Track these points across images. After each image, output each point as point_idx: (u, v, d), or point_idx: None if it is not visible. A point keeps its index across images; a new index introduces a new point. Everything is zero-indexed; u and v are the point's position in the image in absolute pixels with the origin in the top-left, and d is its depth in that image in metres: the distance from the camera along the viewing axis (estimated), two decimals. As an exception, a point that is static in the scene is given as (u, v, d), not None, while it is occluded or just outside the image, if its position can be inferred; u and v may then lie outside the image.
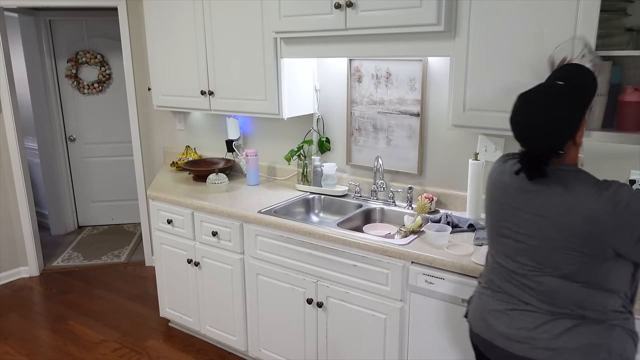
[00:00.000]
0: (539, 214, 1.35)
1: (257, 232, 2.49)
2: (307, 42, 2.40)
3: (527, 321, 1.40)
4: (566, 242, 1.31)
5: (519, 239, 1.41)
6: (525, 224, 1.39)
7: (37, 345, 3.03)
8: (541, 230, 1.35)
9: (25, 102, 4.74)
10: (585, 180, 1.33)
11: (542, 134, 1.32)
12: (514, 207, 1.41)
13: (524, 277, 1.41)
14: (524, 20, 1.81)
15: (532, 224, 1.37)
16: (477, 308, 1.55)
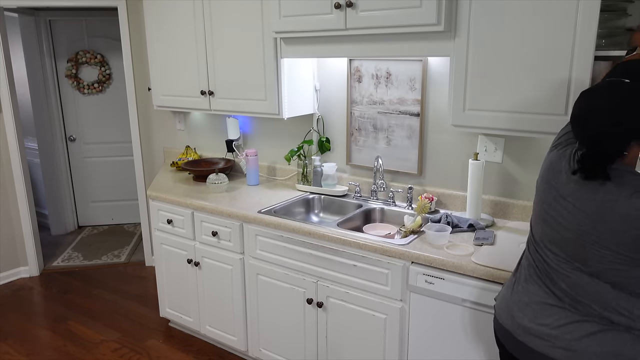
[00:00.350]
0: (580, 207, 1.32)
1: (257, 232, 2.49)
2: (307, 42, 2.40)
3: (552, 317, 1.37)
4: (599, 239, 1.28)
5: (556, 227, 1.38)
6: (565, 214, 1.35)
7: (37, 345, 3.03)
8: (578, 224, 1.32)
9: (25, 102, 4.74)
10: (636, 181, 1.27)
11: (611, 135, 1.26)
12: (561, 194, 1.37)
13: (554, 270, 1.39)
14: (523, 20, 1.81)
15: (572, 215, 1.33)
16: (504, 297, 1.52)
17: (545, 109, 1.83)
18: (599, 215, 1.28)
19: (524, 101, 1.87)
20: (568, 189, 1.36)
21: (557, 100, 1.80)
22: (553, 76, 1.80)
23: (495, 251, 1.94)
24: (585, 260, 1.32)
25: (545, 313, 1.39)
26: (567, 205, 1.35)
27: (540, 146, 2.22)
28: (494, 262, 1.83)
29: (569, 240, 1.35)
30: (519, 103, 1.88)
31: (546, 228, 1.42)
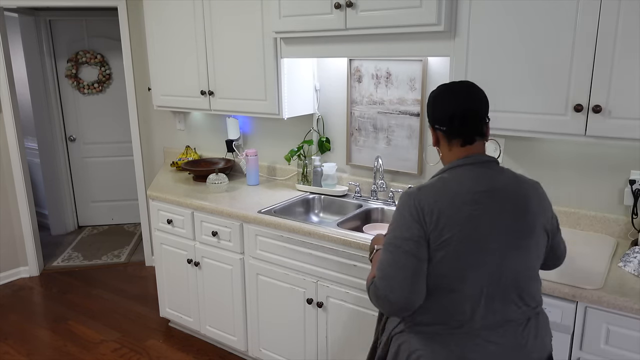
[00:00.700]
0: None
1: (257, 232, 2.49)
2: (307, 42, 2.40)
3: None
4: None
5: None
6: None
7: (37, 345, 3.03)
8: None
9: (25, 102, 4.74)
10: None
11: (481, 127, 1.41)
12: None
13: None
14: (523, 20, 1.81)
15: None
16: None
17: (545, 109, 1.83)
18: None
19: (524, 101, 1.87)
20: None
21: (557, 99, 1.80)
22: (553, 76, 1.79)
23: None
24: None
25: None
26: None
27: (540, 146, 2.22)
28: (494, 262, 1.83)
29: None
30: (518, 103, 1.88)
31: None
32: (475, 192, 1.32)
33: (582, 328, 1.66)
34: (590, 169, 2.12)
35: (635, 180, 2.00)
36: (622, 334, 1.59)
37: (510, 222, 1.31)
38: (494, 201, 1.32)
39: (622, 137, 1.72)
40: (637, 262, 1.75)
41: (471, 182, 1.34)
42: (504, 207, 1.32)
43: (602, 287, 1.63)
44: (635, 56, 1.64)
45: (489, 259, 1.29)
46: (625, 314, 1.57)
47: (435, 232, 1.28)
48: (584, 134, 1.78)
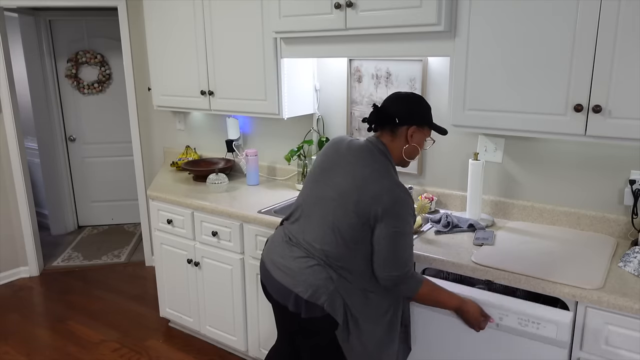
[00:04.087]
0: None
1: (257, 232, 2.49)
2: (307, 42, 2.40)
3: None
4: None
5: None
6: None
7: (37, 345, 3.03)
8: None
9: (25, 102, 4.74)
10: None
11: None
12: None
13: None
14: (523, 20, 1.81)
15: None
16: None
17: (545, 109, 1.83)
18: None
19: (524, 101, 1.87)
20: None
21: (557, 99, 1.80)
22: (553, 76, 1.80)
23: (495, 251, 1.94)
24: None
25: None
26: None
27: (540, 146, 2.22)
28: (494, 262, 1.83)
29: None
30: (519, 103, 1.88)
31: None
32: None
33: (582, 328, 1.66)
34: (590, 169, 2.12)
35: (635, 180, 2.00)
36: (622, 334, 1.59)
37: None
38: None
39: (622, 137, 1.72)
40: (637, 262, 1.75)
41: (353, 145, 1.77)
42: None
43: (602, 287, 1.63)
44: (635, 56, 1.64)
45: None
46: (625, 314, 1.57)
47: None
48: (584, 134, 1.78)
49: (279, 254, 1.74)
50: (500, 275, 1.78)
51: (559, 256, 1.89)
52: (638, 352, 1.57)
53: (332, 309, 1.61)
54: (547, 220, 2.25)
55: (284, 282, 1.67)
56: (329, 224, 1.65)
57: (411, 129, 1.71)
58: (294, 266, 1.67)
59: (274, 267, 1.73)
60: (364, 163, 1.67)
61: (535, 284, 1.71)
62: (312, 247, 1.67)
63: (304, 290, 1.62)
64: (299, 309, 1.64)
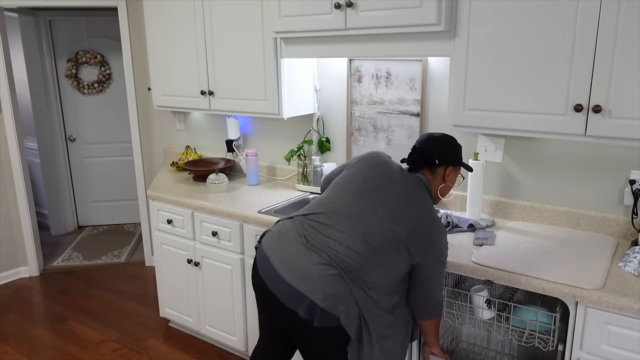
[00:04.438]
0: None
1: (257, 232, 2.48)
2: (307, 42, 2.40)
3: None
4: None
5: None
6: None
7: (37, 345, 3.03)
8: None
9: (25, 102, 4.74)
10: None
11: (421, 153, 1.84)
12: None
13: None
14: (523, 20, 1.81)
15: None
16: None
17: (545, 109, 1.83)
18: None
19: (524, 101, 1.87)
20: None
21: (557, 99, 1.80)
22: (553, 76, 1.80)
23: (495, 251, 1.94)
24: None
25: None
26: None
27: (541, 146, 2.22)
28: (494, 263, 1.83)
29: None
30: (519, 103, 1.88)
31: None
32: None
33: (582, 328, 1.66)
34: (590, 169, 2.12)
35: (635, 180, 2.00)
36: (622, 334, 1.59)
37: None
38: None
39: (622, 137, 1.72)
40: (637, 262, 1.75)
41: (398, 169, 1.83)
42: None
43: (602, 287, 1.63)
44: (635, 56, 1.64)
45: None
46: (625, 314, 1.57)
47: None
48: (584, 134, 1.78)
49: (292, 255, 1.66)
50: (500, 275, 1.78)
51: (559, 256, 1.89)
52: (638, 352, 1.57)
53: (347, 321, 1.59)
54: (547, 220, 2.25)
55: (298, 286, 1.60)
56: (364, 239, 1.62)
57: (449, 169, 1.81)
58: (313, 272, 1.60)
59: (284, 268, 1.64)
60: (418, 200, 1.70)
61: (535, 284, 1.71)
62: (336, 256, 1.62)
63: (322, 299, 1.57)
64: (312, 317, 1.59)
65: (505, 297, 2.03)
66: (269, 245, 1.74)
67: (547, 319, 1.82)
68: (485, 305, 1.89)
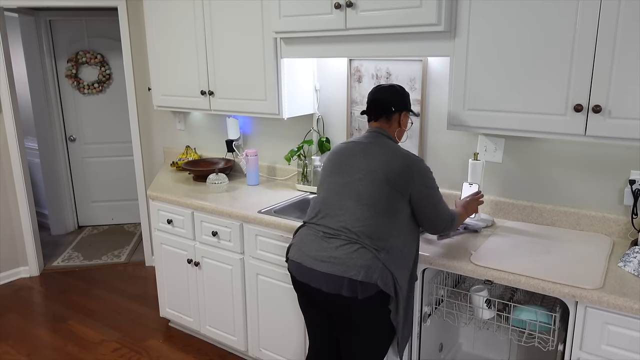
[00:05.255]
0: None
1: (257, 232, 2.49)
2: (307, 42, 2.40)
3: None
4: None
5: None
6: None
7: (37, 345, 3.03)
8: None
9: (25, 102, 4.74)
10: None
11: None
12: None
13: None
14: (523, 20, 1.81)
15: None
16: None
17: (545, 109, 1.83)
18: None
19: (524, 101, 1.87)
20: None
21: (557, 99, 1.80)
22: (553, 76, 1.80)
23: (495, 251, 1.94)
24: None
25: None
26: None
27: (541, 146, 2.22)
28: (494, 263, 1.83)
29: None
30: (519, 103, 1.88)
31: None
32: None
33: (582, 328, 1.66)
34: (590, 169, 2.12)
35: (635, 180, 2.00)
36: (622, 334, 1.59)
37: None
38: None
39: (622, 137, 1.72)
40: (637, 262, 1.75)
41: (357, 138, 1.95)
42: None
43: (602, 287, 1.64)
44: (635, 56, 1.64)
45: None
46: (625, 314, 1.57)
47: None
48: (584, 134, 1.78)
49: (316, 249, 1.79)
50: (500, 276, 1.78)
51: (558, 256, 1.89)
52: (638, 352, 1.57)
53: (384, 284, 1.71)
54: (547, 220, 2.25)
55: (333, 271, 1.72)
56: (364, 201, 1.77)
57: (402, 114, 1.94)
58: (340, 254, 1.73)
59: (315, 262, 1.77)
60: (379, 146, 1.84)
61: (535, 284, 1.71)
62: (351, 232, 1.75)
63: (357, 273, 1.69)
64: (355, 292, 1.70)
65: (505, 297, 2.04)
66: (296, 253, 1.87)
67: (547, 319, 1.82)
68: (485, 305, 1.89)
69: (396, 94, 1.93)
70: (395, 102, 1.92)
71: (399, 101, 1.93)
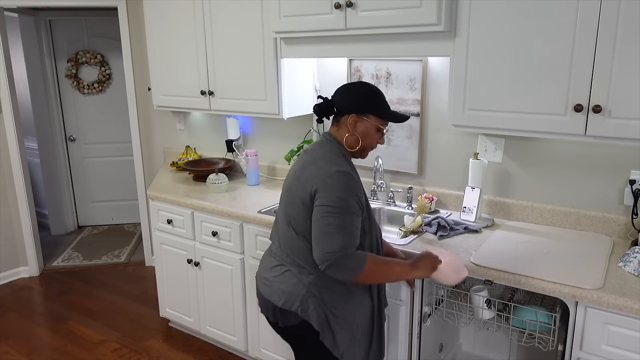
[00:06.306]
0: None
1: (257, 232, 2.49)
2: (307, 42, 2.40)
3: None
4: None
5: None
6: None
7: (37, 345, 3.03)
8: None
9: (25, 102, 4.74)
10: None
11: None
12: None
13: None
14: (523, 20, 1.81)
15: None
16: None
17: (545, 109, 1.83)
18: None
19: (524, 101, 1.87)
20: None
21: (557, 99, 1.80)
22: (553, 76, 1.80)
23: (495, 252, 1.94)
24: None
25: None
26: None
27: (540, 146, 2.22)
28: (494, 263, 1.83)
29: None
30: (519, 103, 1.88)
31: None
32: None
33: (582, 328, 1.66)
34: (590, 169, 2.12)
35: (635, 180, 2.00)
36: (622, 334, 1.59)
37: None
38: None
39: (622, 137, 1.72)
40: (637, 262, 1.75)
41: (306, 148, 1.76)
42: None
43: (602, 287, 1.63)
44: (635, 56, 1.64)
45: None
46: (625, 314, 1.57)
47: None
48: (584, 134, 1.78)
49: (262, 267, 1.78)
50: (500, 276, 1.78)
51: (558, 256, 1.89)
52: (638, 352, 1.57)
53: (305, 314, 1.59)
54: (547, 220, 2.25)
55: (264, 293, 1.70)
56: (286, 221, 1.67)
57: (351, 118, 1.64)
58: (270, 276, 1.70)
59: (259, 280, 1.77)
60: (315, 159, 1.62)
61: (535, 284, 1.71)
62: (281, 251, 1.69)
63: (278, 299, 1.64)
64: (276, 319, 1.65)
65: (505, 297, 2.04)
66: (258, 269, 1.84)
67: (547, 319, 1.82)
68: (485, 305, 1.89)
69: (349, 94, 1.65)
70: (343, 102, 1.65)
71: (349, 102, 1.64)
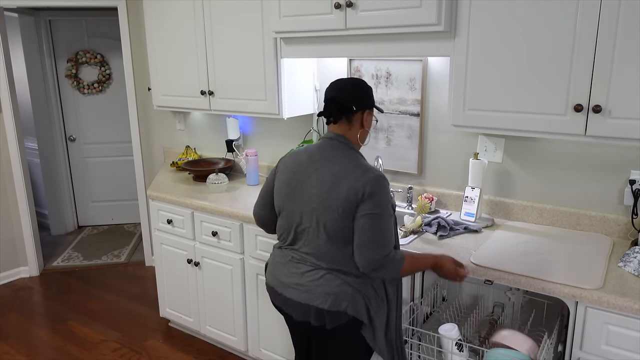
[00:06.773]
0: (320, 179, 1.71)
1: (257, 232, 2.48)
2: (307, 42, 2.40)
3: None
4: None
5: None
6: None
7: (37, 345, 3.03)
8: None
9: (25, 102, 4.74)
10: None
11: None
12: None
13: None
14: (523, 20, 1.81)
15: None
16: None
17: (545, 109, 1.83)
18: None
19: (524, 101, 1.87)
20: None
21: (557, 99, 1.80)
22: (553, 75, 1.80)
23: (495, 252, 1.94)
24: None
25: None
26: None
27: (541, 146, 2.22)
28: (494, 263, 1.83)
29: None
30: (519, 103, 1.88)
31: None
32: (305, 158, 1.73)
33: (582, 328, 1.66)
34: (590, 169, 2.12)
35: (635, 180, 2.00)
36: (622, 334, 1.59)
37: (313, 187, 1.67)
38: (308, 167, 1.70)
39: (622, 137, 1.72)
40: (637, 262, 1.75)
41: (312, 150, 1.74)
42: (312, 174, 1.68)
43: (601, 287, 1.63)
44: (635, 56, 1.64)
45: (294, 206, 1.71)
46: (625, 314, 1.57)
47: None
48: (584, 134, 1.78)
49: (285, 274, 1.73)
50: (500, 276, 1.78)
51: (558, 256, 1.89)
52: (638, 352, 1.57)
53: (355, 311, 1.62)
54: (547, 220, 2.25)
55: (300, 299, 1.67)
56: (322, 229, 1.64)
57: (365, 114, 1.73)
58: (305, 281, 1.67)
59: (284, 287, 1.72)
60: (332, 162, 1.66)
61: (535, 284, 1.71)
62: (315, 258, 1.67)
63: (323, 301, 1.62)
64: (322, 321, 1.64)
65: (482, 334, 1.92)
66: (269, 276, 1.82)
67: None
68: (455, 348, 1.72)
69: (357, 90, 1.70)
70: (356, 99, 1.70)
71: (361, 98, 1.71)
